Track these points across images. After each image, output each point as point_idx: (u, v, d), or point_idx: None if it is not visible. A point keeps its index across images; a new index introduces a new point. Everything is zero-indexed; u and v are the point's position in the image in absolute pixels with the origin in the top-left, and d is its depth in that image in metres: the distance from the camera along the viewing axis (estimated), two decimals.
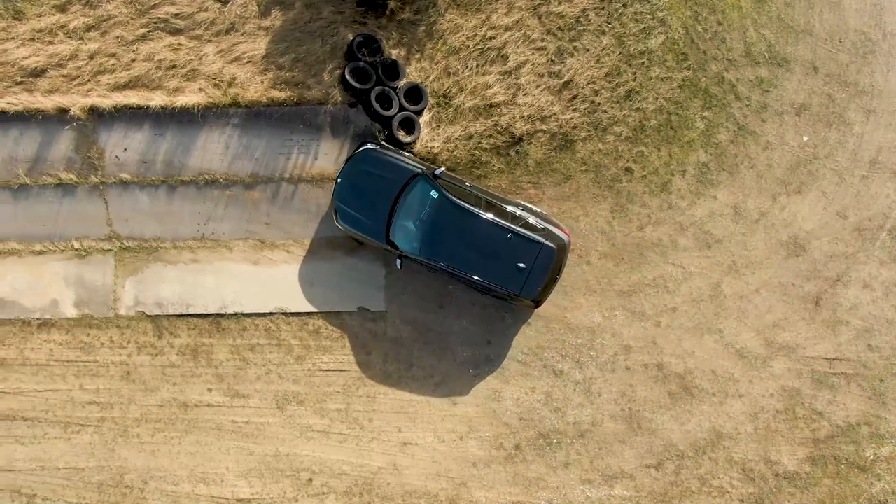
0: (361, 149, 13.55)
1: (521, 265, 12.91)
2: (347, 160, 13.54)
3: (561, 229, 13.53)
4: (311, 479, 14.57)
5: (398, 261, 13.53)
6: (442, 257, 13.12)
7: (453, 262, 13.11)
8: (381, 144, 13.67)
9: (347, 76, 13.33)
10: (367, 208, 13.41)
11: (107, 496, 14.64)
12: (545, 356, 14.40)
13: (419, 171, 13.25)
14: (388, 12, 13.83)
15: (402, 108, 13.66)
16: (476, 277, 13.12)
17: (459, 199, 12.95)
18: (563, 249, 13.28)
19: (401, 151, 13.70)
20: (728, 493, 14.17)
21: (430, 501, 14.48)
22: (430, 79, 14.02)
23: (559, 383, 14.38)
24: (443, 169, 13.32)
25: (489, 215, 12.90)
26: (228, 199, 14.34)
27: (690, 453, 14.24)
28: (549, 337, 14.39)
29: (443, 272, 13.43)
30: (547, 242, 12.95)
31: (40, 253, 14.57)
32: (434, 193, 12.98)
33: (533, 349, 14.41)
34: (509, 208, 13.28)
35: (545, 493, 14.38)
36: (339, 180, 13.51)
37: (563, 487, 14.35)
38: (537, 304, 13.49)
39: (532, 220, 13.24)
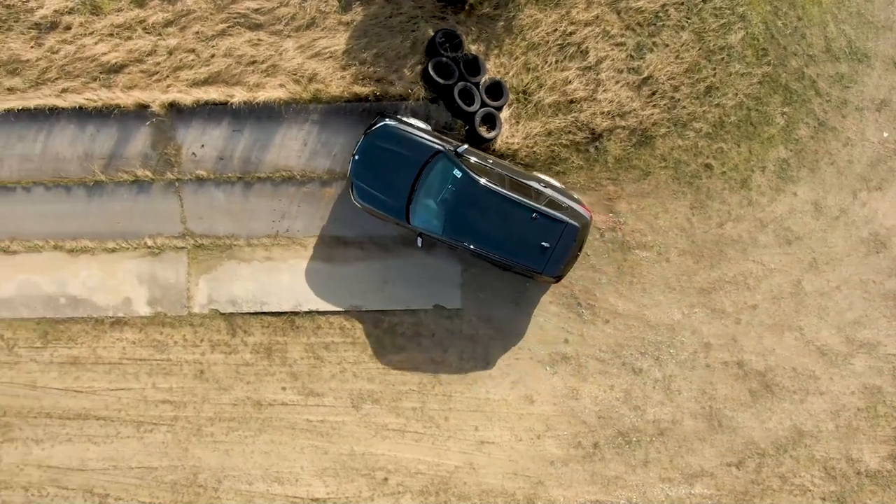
0: (379, 124, 13.12)
1: (544, 244, 12.77)
2: (364, 134, 13.14)
3: (583, 206, 13.41)
4: (386, 479, 14.45)
5: (419, 239, 13.31)
6: (465, 236, 12.93)
7: (476, 241, 12.92)
8: (399, 119, 13.34)
9: (431, 71, 13.20)
10: (386, 185, 13.09)
11: (180, 496, 14.52)
12: (624, 354, 14.30)
13: (440, 148, 12.98)
14: (467, 7, 13.71)
15: (483, 105, 13.54)
16: (499, 256, 13.00)
17: (483, 177, 12.73)
18: (585, 227, 13.16)
19: (420, 127, 13.33)
20: (810, 491, 14.07)
21: (508, 500, 14.38)
22: (510, 74, 13.91)
23: (638, 381, 14.28)
24: (466, 146, 13.00)
25: (513, 195, 12.69)
26: (304, 196, 14.21)
27: (771, 451, 14.14)
28: (628, 334, 14.28)
29: (465, 250, 13.23)
30: (571, 221, 12.79)
31: (113, 251, 14.44)
32: (457, 172, 12.73)
33: (611, 347, 14.30)
34: (533, 185, 13.11)
35: (624, 491, 14.28)
36: (355, 156, 13.12)
37: (642, 486, 14.25)
38: (558, 279, 13.37)
39: (556, 196, 13.06)
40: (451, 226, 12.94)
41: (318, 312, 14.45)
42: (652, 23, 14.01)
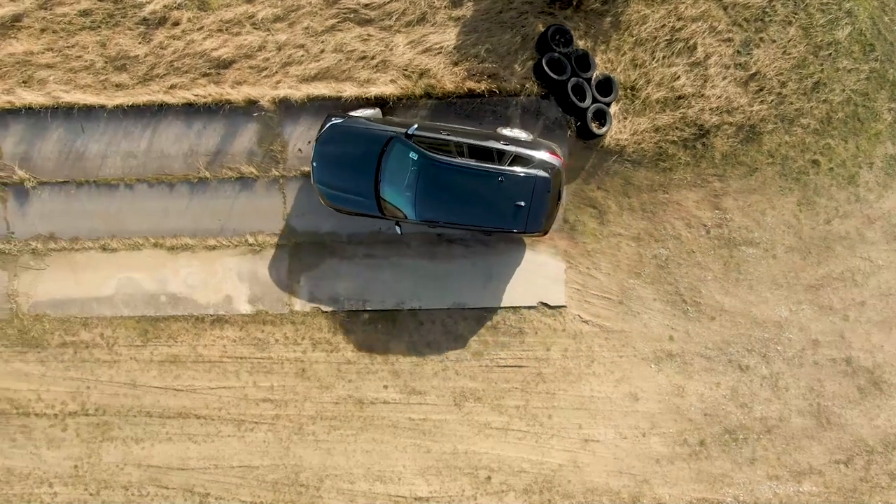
0: (328, 125, 12.99)
1: (519, 203, 12.56)
2: (317, 140, 13.02)
3: (551, 152, 13.03)
4: (489, 477, 14.36)
5: (397, 227, 13.25)
6: (438, 215, 12.76)
7: (451, 218, 12.78)
8: (346, 116, 13.14)
9: (544, 67, 13.12)
10: (351, 184, 13.01)
11: (282, 495, 14.41)
12: (730, 351, 14.21)
13: (392, 133, 12.75)
14: (575, 3, 13.64)
15: (594, 100, 13.46)
16: (477, 226, 12.88)
17: (440, 152, 12.49)
18: (557, 175, 12.82)
19: (370, 117, 13.18)
20: None
21: (612, 499, 14.29)
22: (617, 70, 13.83)
23: (745, 378, 14.20)
24: (415, 126, 12.71)
25: (474, 163, 12.47)
26: None
27: (880, 448, 14.07)
28: (735, 331, 14.21)
29: (444, 227, 13.14)
30: (539, 173, 12.54)
31: (214, 248, 14.35)
32: (413, 155, 12.54)
33: (717, 344, 14.22)
34: (493, 145, 12.70)
35: (731, 489, 14.20)
36: (314, 164, 13.03)
37: (749, 484, 14.17)
38: (544, 233, 13.19)
39: (521, 151, 12.74)
40: (423, 208, 12.69)
41: (421, 310, 14.35)
42: (759, 18, 13.94)
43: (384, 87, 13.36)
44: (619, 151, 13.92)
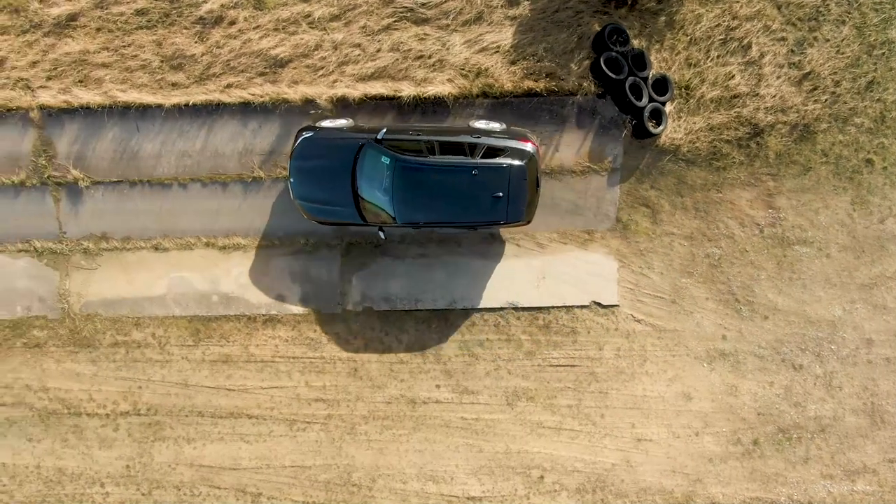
0: (300, 140, 12.93)
1: (497, 194, 12.47)
2: (290, 156, 12.97)
3: (524, 139, 12.88)
4: (542, 477, 14.35)
5: (380, 233, 13.22)
6: (418, 216, 12.71)
7: (431, 217, 12.71)
8: (317, 128, 13.09)
9: (603, 66, 13.11)
10: (329, 195, 12.95)
11: (334, 494, 14.40)
12: (783, 350, 14.21)
13: (363, 140, 12.70)
14: (629, 2, 13.63)
15: (651, 100, 13.46)
16: (459, 222, 12.79)
17: (411, 153, 12.45)
18: (532, 161, 12.67)
19: (341, 126, 13.15)
20: None
21: (665, 498, 14.29)
22: (671, 70, 13.82)
23: (799, 377, 14.20)
24: (384, 130, 12.69)
25: (447, 159, 12.40)
26: None
27: None
28: (788, 330, 14.21)
29: (424, 228, 13.08)
30: (513, 162, 12.44)
31: (266, 248, 14.32)
32: (386, 159, 12.50)
33: (771, 343, 14.22)
34: (464, 139, 12.63)
35: (784, 488, 14.20)
36: (291, 180, 13.01)
37: (803, 483, 14.17)
38: (527, 222, 13.12)
39: (493, 142, 12.63)
40: (403, 211, 12.64)
41: (473, 309, 14.34)
42: (813, 17, 13.94)
43: (441, 86, 13.35)
44: (674, 151, 13.91)
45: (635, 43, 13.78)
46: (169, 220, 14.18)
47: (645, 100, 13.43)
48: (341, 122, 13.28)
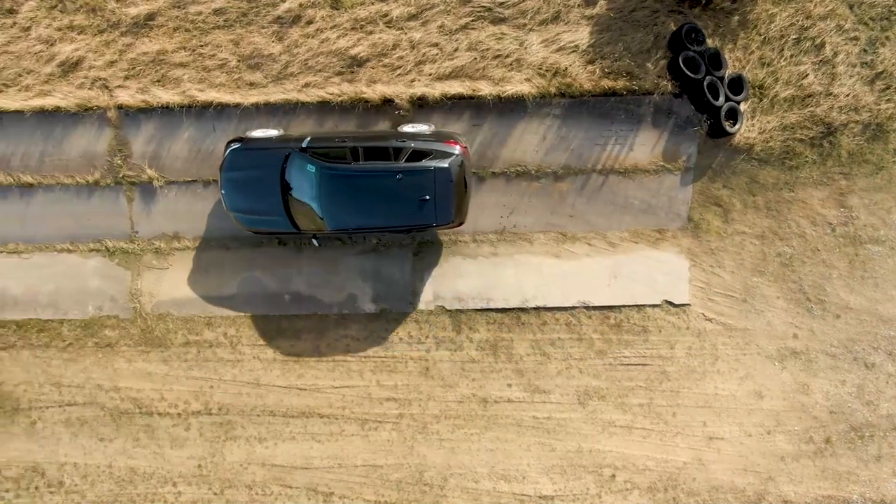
0: (227, 152, 12.94)
1: (424, 197, 12.48)
2: (220, 169, 12.97)
3: (451, 141, 12.82)
4: (613, 475, 14.37)
5: (314, 241, 13.21)
6: (348, 223, 12.68)
7: (360, 223, 12.70)
8: (244, 139, 13.08)
9: (682, 65, 13.14)
10: (261, 205, 12.94)
11: (406, 494, 14.40)
12: (856, 349, 14.25)
13: (289, 149, 12.71)
14: (704, 1, 13.66)
15: (727, 99, 13.49)
16: (389, 227, 12.77)
17: (336, 160, 12.44)
18: (457, 162, 12.62)
19: (269, 136, 13.15)
20: None
21: (737, 496, 14.31)
22: (745, 69, 13.85)
23: (871, 376, 14.24)
24: (308, 138, 12.73)
25: (371, 165, 12.40)
26: (535, 191, 14.12)
27: None
28: (860, 329, 14.24)
29: (355, 233, 13.11)
30: (438, 164, 12.42)
31: (337, 247, 14.31)
32: (311, 167, 12.51)
33: (842, 341, 14.26)
34: (388, 143, 12.60)
35: (857, 487, 14.23)
36: (223, 192, 12.99)
37: (875, 481, 14.20)
38: (459, 224, 13.14)
39: (416, 145, 12.59)
40: (333, 218, 12.65)
41: (545, 308, 14.36)
42: (884, 17, 13.99)
43: (519, 85, 13.36)
44: (747, 150, 13.94)
45: (710, 42, 13.81)
46: None
47: (721, 99, 13.45)
48: (271, 133, 13.29)
